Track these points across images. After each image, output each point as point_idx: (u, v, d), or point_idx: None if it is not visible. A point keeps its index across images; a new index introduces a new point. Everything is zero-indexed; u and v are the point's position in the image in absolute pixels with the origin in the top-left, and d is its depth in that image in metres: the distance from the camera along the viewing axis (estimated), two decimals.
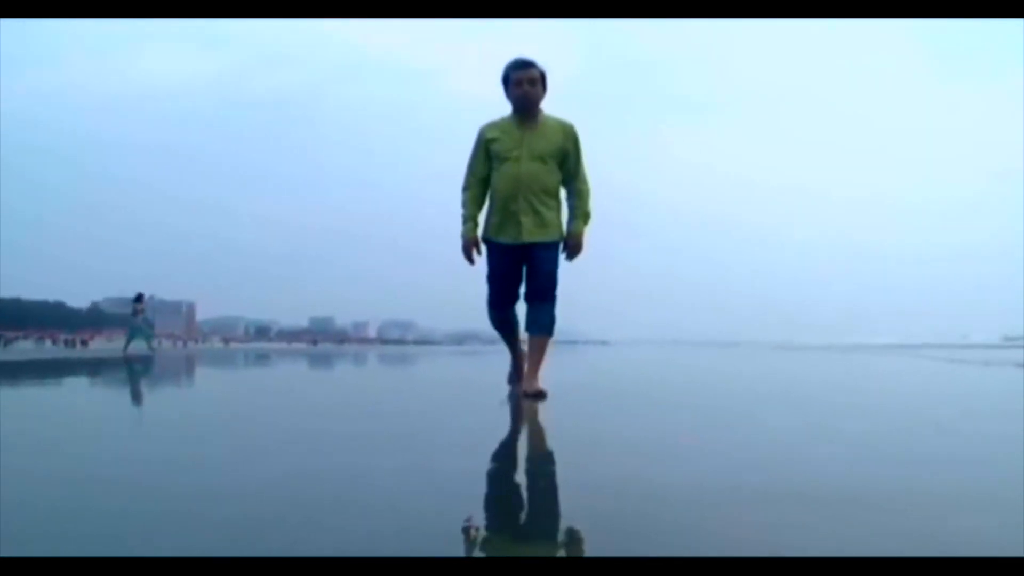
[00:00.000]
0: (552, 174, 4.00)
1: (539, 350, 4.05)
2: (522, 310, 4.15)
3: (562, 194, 4.09)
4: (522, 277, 4.07)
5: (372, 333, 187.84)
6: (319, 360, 14.19)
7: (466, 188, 4.08)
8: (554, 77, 4.03)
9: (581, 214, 4.06)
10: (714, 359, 14.63)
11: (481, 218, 4.11)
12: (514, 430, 3.13)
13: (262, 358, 15.49)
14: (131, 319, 18.45)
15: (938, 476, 1.91)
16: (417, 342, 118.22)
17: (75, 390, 5.66)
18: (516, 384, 4.25)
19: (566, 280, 4.07)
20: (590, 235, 4.12)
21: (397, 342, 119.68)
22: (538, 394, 3.85)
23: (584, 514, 1.47)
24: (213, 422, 3.43)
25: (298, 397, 5.14)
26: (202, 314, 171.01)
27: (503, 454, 2.41)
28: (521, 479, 2.04)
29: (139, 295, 18.80)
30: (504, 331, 4.29)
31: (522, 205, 3.96)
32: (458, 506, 1.54)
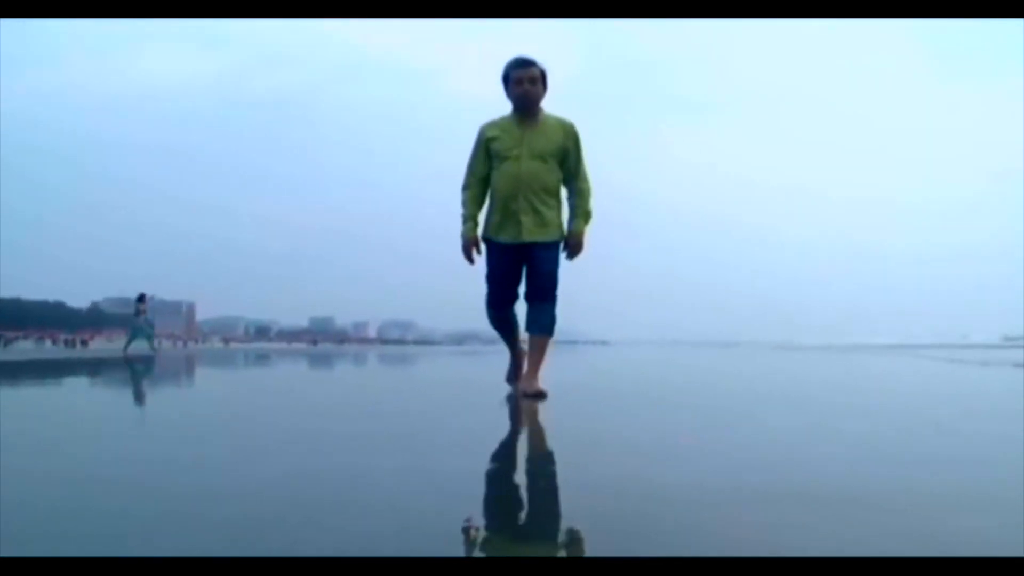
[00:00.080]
0: (552, 173, 3.99)
1: (539, 350, 4.04)
2: (522, 310, 4.14)
3: (563, 193, 4.08)
4: (522, 277, 4.06)
5: (372, 333, 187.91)
6: (319, 360, 14.19)
7: (466, 187, 4.08)
8: (554, 77, 4.02)
9: (582, 213, 4.05)
10: (714, 359, 14.63)
11: (481, 217, 4.10)
12: (514, 430, 3.13)
13: (262, 358, 15.50)
14: (133, 319, 18.43)
15: (938, 476, 1.91)
16: (417, 342, 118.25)
17: (75, 390, 5.66)
18: (515, 384, 4.25)
19: (566, 280, 4.06)
20: (590, 235, 4.11)
21: (397, 342, 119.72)
22: (538, 394, 3.84)
23: (584, 514, 1.47)
24: (213, 422, 3.43)
25: (298, 397, 5.14)
26: (202, 314, 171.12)
27: (503, 454, 2.41)
28: (521, 479, 2.04)
29: (142, 295, 18.76)
30: (503, 331, 4.28)
31: (522, 204, 3.95)
32: (458, 506, 1.54)
